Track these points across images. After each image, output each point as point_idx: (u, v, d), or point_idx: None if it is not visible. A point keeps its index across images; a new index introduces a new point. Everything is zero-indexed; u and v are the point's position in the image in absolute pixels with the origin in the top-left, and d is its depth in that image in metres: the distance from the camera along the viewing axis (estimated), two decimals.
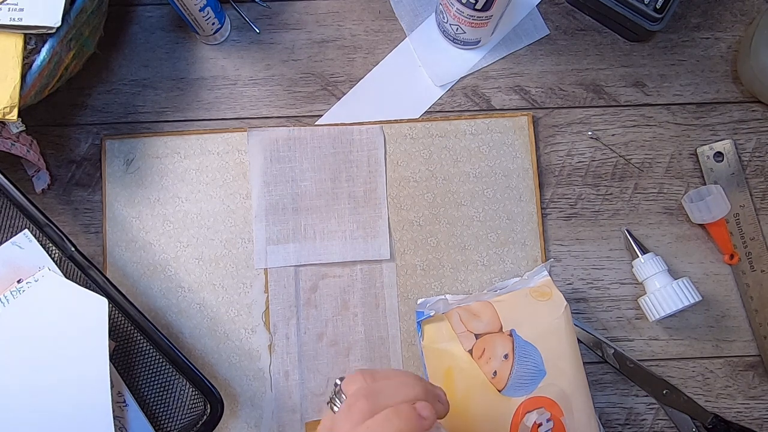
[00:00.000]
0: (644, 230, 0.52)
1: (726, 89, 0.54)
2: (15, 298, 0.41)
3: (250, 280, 0.51)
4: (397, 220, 0.52)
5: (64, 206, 0.52)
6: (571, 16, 0.55)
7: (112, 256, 0.51)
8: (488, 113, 0.53)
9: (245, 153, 0.52)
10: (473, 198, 0.52)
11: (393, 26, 0.54)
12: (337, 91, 0.54)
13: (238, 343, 0.50)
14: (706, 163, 0.52)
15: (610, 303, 0.51)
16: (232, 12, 0.54)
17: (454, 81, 0.54)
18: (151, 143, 0.52)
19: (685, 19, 0.55)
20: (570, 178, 0.53)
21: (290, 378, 0.50)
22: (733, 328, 0.51)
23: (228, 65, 0.54)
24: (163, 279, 0.51)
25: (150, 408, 0.47)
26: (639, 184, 0.53)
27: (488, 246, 0.51)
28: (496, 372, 0.46)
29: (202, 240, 0.51)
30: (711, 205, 0.49)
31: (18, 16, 0.41)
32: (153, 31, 0.54)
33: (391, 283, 0.51)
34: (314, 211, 0.51)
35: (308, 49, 0.54)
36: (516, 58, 0.54)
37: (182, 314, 0.50)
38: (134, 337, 0.47)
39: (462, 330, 0.47)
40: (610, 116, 0.53)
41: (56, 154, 0.52)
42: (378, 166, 0.52)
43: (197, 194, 0.52)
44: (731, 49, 0.54)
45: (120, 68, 0.53)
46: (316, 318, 0.50)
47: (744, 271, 0.51)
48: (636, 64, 0.54)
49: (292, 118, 0.53)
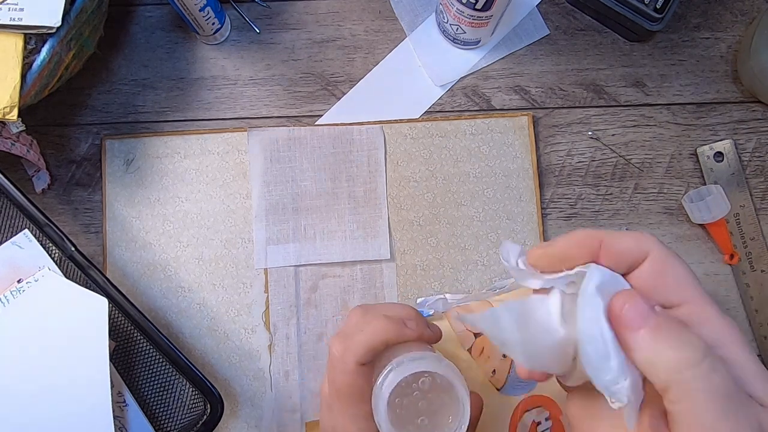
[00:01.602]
0: (644, 230, 0.52)
1: (726, 89, 0.54)
2: (15, 298, 0.41)
3: (250, 280, 0.51)
4: (397, 220, 0.52)
5: (64, 206, 0.52)
6: (571, 16, 0.55)
7: (112, 256, 0.51)
8: (488, 113, 0.53)
9: (245, 153, 0.52)
10: (473, 198, 0.52)
11: (393, 26, 0.54)
12: (337, 91, 0.54)
13: (238, 343, 0.50)
14: (706, 163, 0.52)
15: None
16: (232, 12, 0.54)
17: (454, 81, 0.54)
18: (151, 143, 0.52)
19: (685, 19, 0.54)
20: (570, 178, 0.53)
21: (290, 378, 0.50)
22: None
23: (228, 65, 0.54)
24: (163, 279, 0.51)
25: (150, 408, 0.47)
26: (639, 184, 0.53)
27: (488, 246, 0.51)
28: (494, 371, 0.46)
29: (202, 240, 0.51)
30: (711, 205, 0.49)
31: (18, 16, 0.41)
32: (153, 31, 0.54)
33: (391, 283, 0.51)
34: (314, 211, 0.51)
35: (308, 49, 0.54)
36: (516, 58, 0.54)
37: (182, 314, 0.50)
38: (134, 337, 0.47)
39: (461, 329, 0.47)
40: (610, 116, 0.53)
41: (56, 154, 0.52)
42: (378, 166, 0.52)
43: (197, 194, 0.52)
44: (731, 49, 0.54)
45: (120, 68, 0.53)
46: (316, 318, 0.51)
47: (744, 271, 0.51)
48: (636, 64, 0.54)
49: (292, 118, 0.53)
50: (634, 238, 0.26)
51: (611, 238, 0.26)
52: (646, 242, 0.26)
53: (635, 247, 0.26)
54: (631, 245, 0.26)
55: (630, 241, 0.26)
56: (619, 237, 0.26)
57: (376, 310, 0.38)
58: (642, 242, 0.26)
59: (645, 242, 0.26)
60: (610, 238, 0.26)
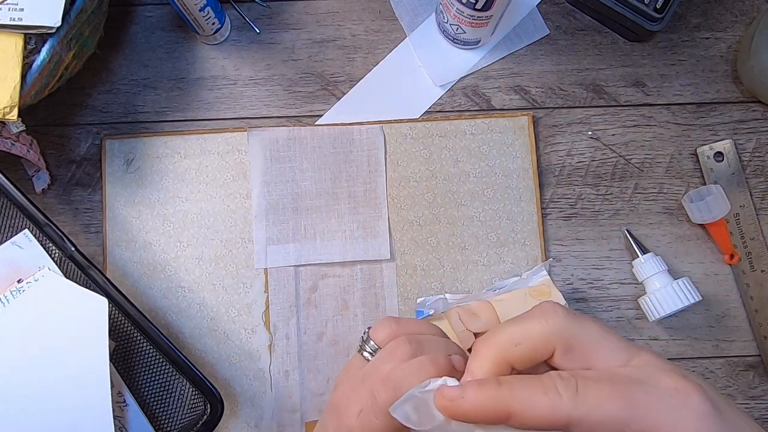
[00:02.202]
0: (644, 230, 0.52)
1: (726, 89, 0.54)
2: (15, 298, 0.41)
3: (250, 280, 0.51)
4: (397, 220, 0.52)
5: (64, 206, 0.52)
6: (571, 16, 0.55)
7: (112, 256, 0.51)
8: (488, 113, 0.53)
9: (245, 153, 0.52)
10: (473, 198, 0.52)
11: (393, 26, 0.54)
12: (337, 91, 0.54)
13: (238, 343, 0.50)
14: (706, 163, 0.52)
15: (610, 303, 0.51)
16: (232, 12, 0.54)
17: (454, 81, 0.54)
18: (151, 143, 0.52)
19: (685, 19, 0.54)
20: (570, 178, 0.53)
21: (290, 378, 0.50)
22: (733, 328, 0.51)
23: (228, 65, 0.54)
24: (163, 279, 0.51)
25: (150, 408, 0.47)
26: (639, 184, 0.53)
27: (488, 246, 0.51)
28: None
29: (202, 240, 0.51)
30: (711, 205, 0.49)
31: (18, 15, 0.41)
32: (153, 31, 0.54)
33: (391, 283, 0.51)
34: (314, 211, 0.51)
35: (308, 49, 0.54)
36: (516, 58, 0.54)
37: (182, 314, 0.50)
38: (134, 337, 0.47)
39: (461, 329, 0.47)
40: (610, 116, 0.53)
41: (56, 154, 0.52)
42: (378, 166, 0.52)
43: (197, 194, 0.52)
44: (731, 49, 0.54)
45: (120, 68, 0.53)
46: (316, 318, 0.51)
47: (744, 271, 0.51)
48: (636, 64, 0.54)
49: (292, 118, 0.53)
50: (540, 331, 0.26)
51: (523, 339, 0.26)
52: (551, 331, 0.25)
53: (542, 342, 0.26)
54: (539, 340, 0.26)
55: (537, 336, 0.26)
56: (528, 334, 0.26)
57: (429, 346, 0.34)
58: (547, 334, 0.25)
59: (549, 332, 0.25)
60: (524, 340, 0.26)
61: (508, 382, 0.24)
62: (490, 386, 0.24)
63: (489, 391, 0.24)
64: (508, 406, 0.23)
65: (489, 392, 0.24)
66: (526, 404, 0.23)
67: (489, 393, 0.24)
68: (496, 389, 0.24)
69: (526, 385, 0.24)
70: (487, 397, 0.24)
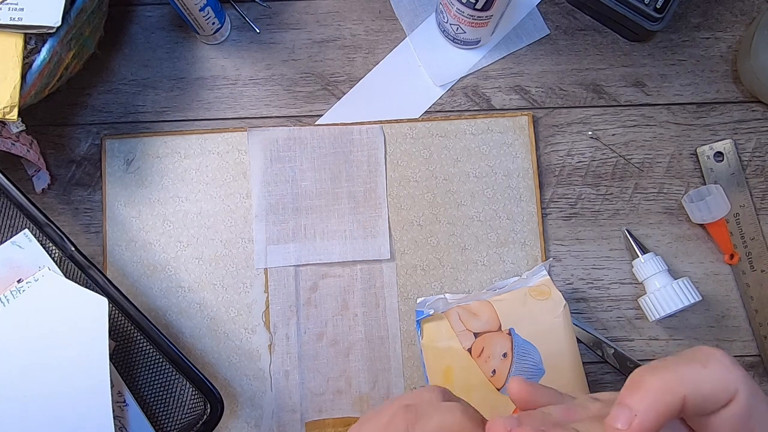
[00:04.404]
0: (644, 230, 0.52)
1: (726, 89, 0.54)
2: (15, 298, 0.41)
3: (250, 280, 0.51)
4: (397, 220, 0.52)
5: (64, 206, 0.52)
6: (571, 16, 0.55)
7: (112, 256, 0.51)
8: (488, 113, 0.53)
9: (245, 153, 0.52)
10: (473, 198, 0.52)
11: (393, 26, 0.54)
12: (337, 91, 0.54)
13: (238, 343, 0.50)
14: (706, 163, 0.52)
15: (610, 303, 0.51)
16: (232, 12, 0.54)
17: (454, 81, 0.54)
18: (151, 143, 0.52)
19: (686, 19, 0.54)
20: (570, 178, 0.53)
21: (290, 378, 0.50)
22: (733, 328, 0.51)
23: (228, 65, 0.54)
24: (163, 279, 0.51)
25: (150, 408, 0.47)
26: (639, 184, 0.53)
27: (488, 246, 0.51)
28: (494, 371, 0.46)
29: (202, 240, 0.51)
30: (711, 205, 0.49)
31: (18, 15, 0.41)
32: (153, 31, 0.54)
33: (391, 283, 0.51)
34: (314, 211, 0.51)
35: (308, 49, 0.54)
36: (516, 58, 0.54)
37: (182, 314, 0.50)
38: (134, 337, 0.47)
39: (461, 329, 0.47)
40: (610, 116, 0.53)
41: (56, 154, 0.52)
42: (378, 166, 0.52)
43: (197, 194, 0.52)
44: (731, 49, 0.54)
45: (120, 68, 0.54)
46: (316, 318, 0.51)
47: (744, 271, 0.51)
48: (636, 64, 0.54)
49: (292, 117, 0.53)
50: (720, 379, 0.23)
51: (695, 385, 0.22)
52: (734, 381, 0.23)
53: (722, 390, 0.23)
54: (717, 388, 0.23)
55: (716, 382, 0.23)
56: (703, 380, 0.23)
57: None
58: (729, 382, 0.23)
59: (732, 381, 0.23)
60: (694, 386, 0.22)
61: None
62: (654, 380, 0.23)
63: (656, 382, 0.23)
64: (682, 389, 0.22)
65: (657, 382, 0.23)
66: (695, 382, 0.23)
67: (657, 382, 0.23)
68: (663, 377, 0.23)
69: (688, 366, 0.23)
70: (657, 386, 0.23)
